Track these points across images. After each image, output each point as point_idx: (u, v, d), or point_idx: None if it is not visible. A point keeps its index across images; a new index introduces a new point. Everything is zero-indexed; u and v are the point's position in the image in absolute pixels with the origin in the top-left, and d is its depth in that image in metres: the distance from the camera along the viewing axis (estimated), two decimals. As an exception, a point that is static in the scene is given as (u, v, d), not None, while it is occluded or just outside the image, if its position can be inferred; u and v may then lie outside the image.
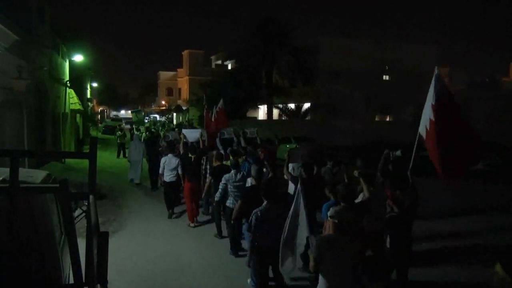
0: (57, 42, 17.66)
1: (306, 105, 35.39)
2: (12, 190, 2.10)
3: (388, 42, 38.14)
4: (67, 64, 19.80)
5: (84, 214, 3.89)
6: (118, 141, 21.48)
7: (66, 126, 19.37)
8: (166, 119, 54.71)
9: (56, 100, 17.26)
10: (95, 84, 40.41)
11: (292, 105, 35.77)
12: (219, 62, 52.66)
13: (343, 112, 31.36)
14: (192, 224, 8.63)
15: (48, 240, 2.87)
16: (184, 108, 49.84)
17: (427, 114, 5.53)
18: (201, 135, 10.87)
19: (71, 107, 20.49)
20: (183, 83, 55.43)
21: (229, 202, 6.94)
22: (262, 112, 41.14)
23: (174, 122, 50.39)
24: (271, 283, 5.22)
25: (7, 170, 2.23)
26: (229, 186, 6.95)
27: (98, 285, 2.06)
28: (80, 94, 24.88)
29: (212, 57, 57.02)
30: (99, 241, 2.06)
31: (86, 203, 2.99)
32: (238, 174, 7.07)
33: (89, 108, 34.38)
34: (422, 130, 5.67)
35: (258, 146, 9.99)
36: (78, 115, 24.30)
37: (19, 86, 10.53)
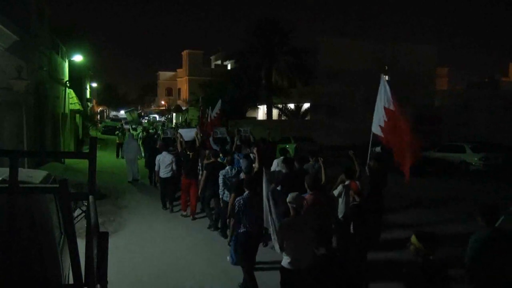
0: (57, 42, 17.66)
1: (306, 105, 35.38)
2: (12, 190, 2.10)
3: (388, 42, 38.13)
4: (66, 64, 19.79)
5: (83, 214, 3.88)
6: (118, 141, 21.54)
7: (66, 126, 19.37)
8: (166, 119, 54.76)
9: (55, 100, 17.25)
10: (94, 84, 40.43)
11: (291, 105, 35.76)
12: (219, 62, 52.63)
13: (343, 112, 31.37)
14: (184, 213, 9.44)
15: (48, 240, 2.87)
16: (183, 108, 49.86)
17: (380, 114, 6.43)
18: (197, 134, 11.23)
19: (70, 107, 20.49)
20: (183, 83, 55.43)
21: (226, 196, 7.35)
22: (261, 112, 41.12)
23: (174, 122, 50.41)
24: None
25: (7, 170, 2.23)
26: (226, 181, 7.42)
27: (98, 285, 2.06)
28: (80, 94, 24.87)
29: (212, 57, 56.99)
30: (99, 241, 2.06)
31: (86, 203, 2.99)
32: (233, 169, 7.56)
33: (89, 108, 34.38)
34: (376, 129, 6.55)
35: (252, 144, 10.38)
36: (77, 115, 24.29)
37: (19, 87, 10.53)
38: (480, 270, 3.67)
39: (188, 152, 9.41)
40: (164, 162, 9.82)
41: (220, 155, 8.60)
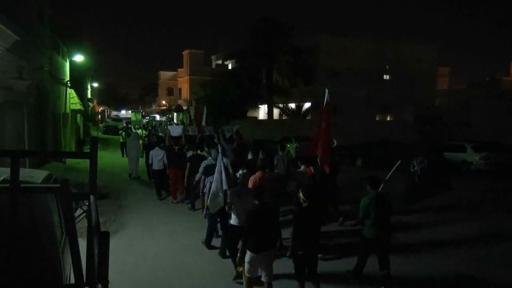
0: (58, 42, 17.68)
1: (307, 105, 35.37)
2: (13, 190, 2.10)
3: (389, 41, 38.08)
4: (67, 64, 19.81)
5: (84, 214, 3.89)
6: (121, 140, 21.67)
7: (67, 126, 19.40)
8: (167, 119, 54.82)
9: (56, 100, 17.27)
10: (95, 84, 40.44)
11: (292, 105, 35.74)
12: (219, 62, 52.65)
13: (344, 111, 31.36)
14: (175, 201, 10.72)
15: (49, 240, 2.87)
16: (184, 108, 49.88)
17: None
18: (184, 130, 12.70)
19: (71, 107, 20.52)
20: (184, 83, 55.46)
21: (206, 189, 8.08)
22: (262, 112, 41.13)
23: (175, 121, 50.45)
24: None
25: (8, 170, 2.23)
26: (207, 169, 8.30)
27: (99, 285, 2.06)
28: (81, 94, 24.89)
29: (213, 57, 57.00)
30: (100, 241, 2.06)
31: (87, 203, 2.99)
32: (214, 161, 8.22)
33: (90, 108, 34.43)
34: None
35: (234, 141, 11.86)
36: (78, 115, 24.33)
37: (20, 87, 10.55)
38: (367, 218, 5.61)
39: (174, 146, 10.96)
40: (157, 156, 11.19)
41: (206, 149, 9.81)
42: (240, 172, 7.03)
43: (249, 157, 9.82)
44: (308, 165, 7.78)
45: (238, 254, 5.22)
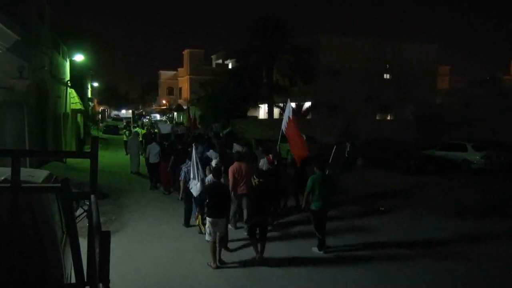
0: (58, 42, 17.67)
1: (307, 104, 35.33)
2: (14, 189, 2.10)
3: (389, 40, 38.02)
4: (68, 64, 19.80)
5: (85, 213, 3.89)
6: (125, 139, 21.85)
7: (67, 125, 19.40)
8: (167, 119, 54.87)
9: (57, 100, 17.27)
10: (95, 84, 40.43)
11: (293, 104, 35.69)
12: (220, 61, 52.57)
13: (344, 111, 31.32)
14: (166, 192, 11.73)
15: (50, 240, 2.88)
16: (184, 107, 49.85)
17: (286, 117, 9.47)
18: (172, 128, 14.39)
19: (72, 107, 20.52)
20: (184, 82, 55.39)
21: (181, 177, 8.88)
22: (262, 111, 41.10)
23: (175, 121, 50.49)
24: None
25: (9, 169, 2.23)
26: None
27: (100, 284, 2.06)
28: (81, 93, 24.90)
29: (213, 56, 56.91)
30: (101, 240, 2.06)
31: (88, 203, 2.99)
32: (200, 154, 9.36)
33: (90, 107, 34.45)
34: (284, 127, 9.57)
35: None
36: (79, 114, 24.32)
37: (20, 86, 10.54)
38: (313, 194, 6.95)
39: (164, 142, 12.53)
40: (154, 150, 12.43)
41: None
42: (214, 161, 8.28)
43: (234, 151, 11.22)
44: (267, 154, 9.48)
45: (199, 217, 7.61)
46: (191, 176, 7.74)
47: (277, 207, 9.05)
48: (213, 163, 8.13)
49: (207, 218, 6.41)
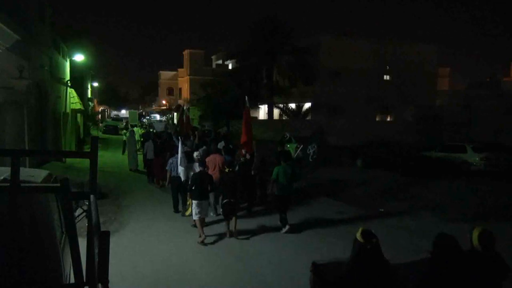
0: (58, 41, 17.68)
1: (307, 105, 35.35)
2: (13, 189, 2.10)
3: (389, 41, 38.03)
4: (67, 64, 19.81)
5: (85, 213, 3.89)
6: (124, 139, 21.83)
7: (67, 125, 19.39)
8: (167, 119, 54.89)
9: (56, 100, 17.27)
10: (95, 84, 40.40)
11: (292, 105, 35.71)
12: (220, 61, 52.61)
13: (344, 111, 31.34)
14: (158, 186, 12.71)
15: (49, 240, 2.87)
16: (185, 107, 49.78)
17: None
18: (165, 127, 14.97)
19: (71, 107, 20.51)
20: (184, 82, 55.38)
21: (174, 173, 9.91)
22: (262, 112, 41.11)
23: (175, 121, 50.51)
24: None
25: (8, 169, 2.23)
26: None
27: (99, 285, 2.06)
28: (81, 93, 24.90)
29: (213, 57, 56.94)
30: (100, 241, 2.06)
31: (87, 203, 2.99)
32: (189, 148, 10.77)
33: (90, 107, 34.42)
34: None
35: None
36: (78, 114, 24.32)
37: (20, 86, 10.55)
38: (277, 182, 8.27)
39: (156, 140, 13.92)
40: (150, 148, 13.64)
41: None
42: (196, 153, 9.33)
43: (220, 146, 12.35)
44: (241, 148, 10.77)
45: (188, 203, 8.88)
46: (179, 164, 9.32)
47: (252, 196, 10.27)
48: (195, 154, 9.34)
49: (193, 201, 7.74)
